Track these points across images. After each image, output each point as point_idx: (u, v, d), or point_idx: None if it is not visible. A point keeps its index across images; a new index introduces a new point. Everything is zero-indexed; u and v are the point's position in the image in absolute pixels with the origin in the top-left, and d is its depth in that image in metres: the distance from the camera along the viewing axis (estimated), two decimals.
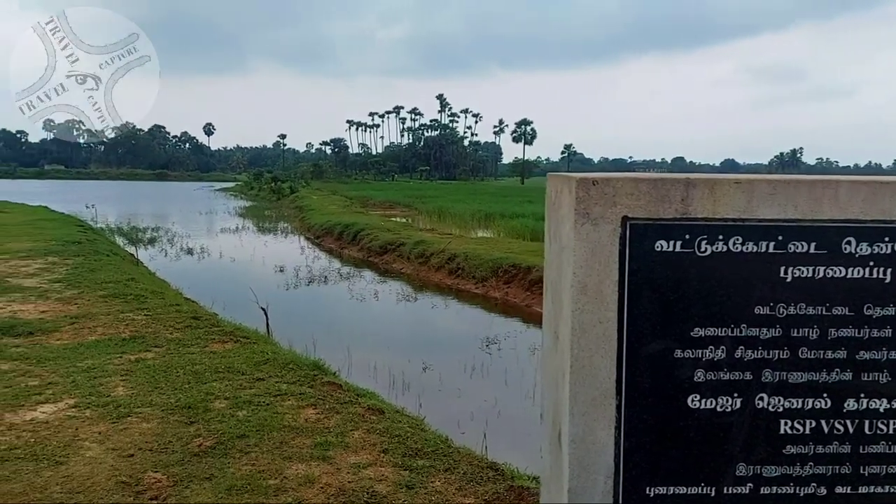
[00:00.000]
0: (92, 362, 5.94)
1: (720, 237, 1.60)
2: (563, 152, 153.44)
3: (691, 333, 1.60)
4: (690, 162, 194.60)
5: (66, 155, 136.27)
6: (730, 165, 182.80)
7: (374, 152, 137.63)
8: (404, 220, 29.87)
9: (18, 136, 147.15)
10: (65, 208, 28.07)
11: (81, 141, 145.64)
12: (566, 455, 1.57)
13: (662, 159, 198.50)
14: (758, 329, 1.62)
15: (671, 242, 1.57)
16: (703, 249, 1.58)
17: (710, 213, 1.59)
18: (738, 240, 1.60)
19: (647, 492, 1.64)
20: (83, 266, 11.41)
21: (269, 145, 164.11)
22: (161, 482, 3.76)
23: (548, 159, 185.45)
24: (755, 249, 1.60)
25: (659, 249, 1.57)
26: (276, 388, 5.42)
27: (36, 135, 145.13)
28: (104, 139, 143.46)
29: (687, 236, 1.58)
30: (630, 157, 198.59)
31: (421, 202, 36.79)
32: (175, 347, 6.55)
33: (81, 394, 5.13)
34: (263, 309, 9.11)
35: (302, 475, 3.93)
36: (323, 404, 5.16)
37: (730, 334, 1.61)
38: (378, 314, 12.83)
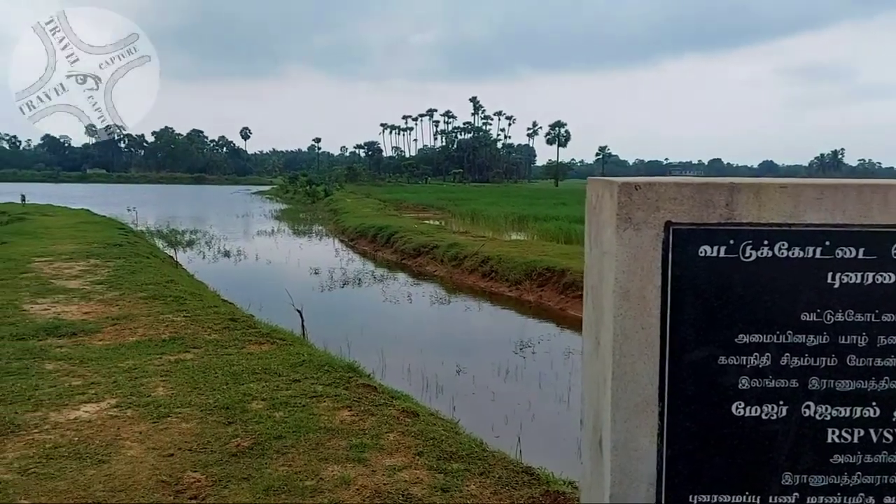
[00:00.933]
0: (133, 363, 6.06)
1: (766, 242, 1.57)
2: (597, 154, 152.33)
3: (736, 340, 1.57)
4: (728, 163, 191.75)
5: (107, 159, 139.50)
6: (768, 167, 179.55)
7: (407, 155, 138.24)
8: (437, 222, 29.92)
9: (62, 140, 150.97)
10: (106, 211, 28.73)
11: (122, 146, 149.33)
12: (608, 461, 1.55)
13: (699, 161, 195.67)
14: (804, 336, 1.59)
15: (715, 248, 1.55)
16: (748, 255, 1.56)
17: (755, 218, 1.56)
18: (783, 245, 1.57)
19: (691, 500, 1.61)
20: (124, 268, 11.65)
21: (305, 149, 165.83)
22: (200, 482, 3.82)
23: (582, 161, 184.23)
24: (802, 255, 1.57)
25: (703, 255, 1.54)
26: (311, 390, 5.47)
27: (78, 140, 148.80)
28: (144, 144, 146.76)
29: (731, 241, 1.56)
30: (666, 159, 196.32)
31: (454, 205, 36.84)
32: (213, 348, 6.65)
33: (123, 394, 5.24)
34: (299, 311, 9.20)
35: (338, 476, 3.96)
36: (358, 406, 5.19)
37: (775, 341, 1.58)
38: (411, 316, 12.87)
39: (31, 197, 38.06)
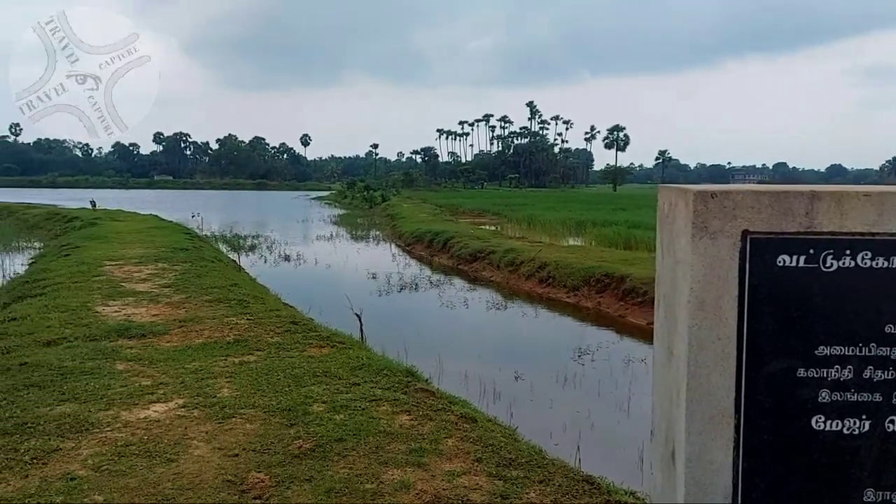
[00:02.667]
0: (199, 364, 6.23)
1: (848, 252, 1.51)
2: (657, 158, 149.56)
3: (815, 352, 1.52)
4: (794, 167, 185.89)
5: (173, 166, 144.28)
6: (836, 171, 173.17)
7: (463, 160, 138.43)
8: (493, 227, 29.86)
9: (131, 148, 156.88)
10: (173, 216, 29.68)
11: (188, 153, 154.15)
12: (681, 474, 1.52)
13: (763, 165, 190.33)
14: (888, 349, 1.52)
15: (794, 257, 1.50)
16: (828, 265, 1.50)
17: (836, 226, 1.51)
18: (867, 255, 1.51)
19: None
20: (190, 272, 12.00)
21: (362, 155, 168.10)
22: (264, 482, 3.90)
23: (641, 166, 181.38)
24: (886, 265, 1.51)
25: (781, 264, 1.50)
26: (371, 394, 5.52)
27: (147, 147, 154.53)
28: (209, 151, 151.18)
29: (811, 251, 1.51)
30: (729, 163, 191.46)
31: (510, 210, 36.70)
32: (275, 351, 6.78)
33: (190, 394, 5.39)
34: (357, 315, 9.30)
35: (398, 480, 3.98)
36: (416, 411, 5.21)
37: (858, 353, 1.52)
38: (468, 322, 12.86)
39: (101, 202, 39.63)
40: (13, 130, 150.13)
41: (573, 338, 11.17)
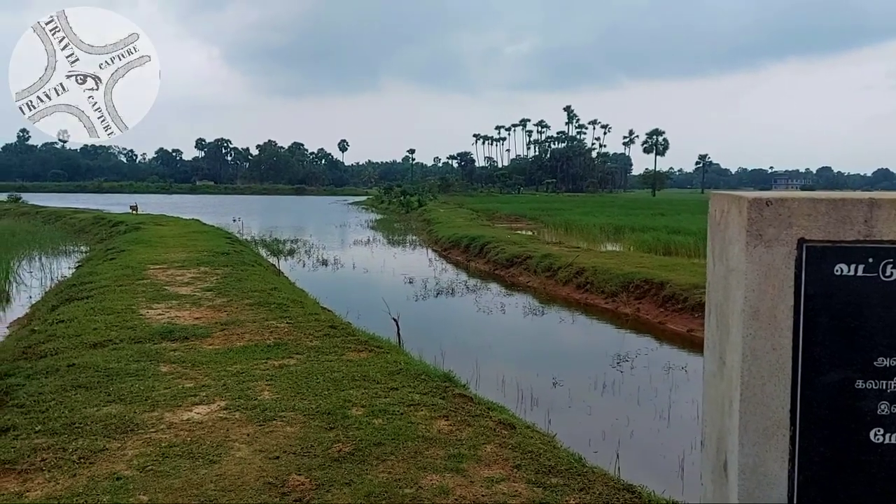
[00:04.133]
0: (240, 367, 6.32)
1: None
2: (697, 163, 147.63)
3: (875, 363, 1.47)
4: (838, 172, 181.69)
5: (215, 171, 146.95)
6: (883, 175, 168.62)
7: (499, 165, 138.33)
8: (530, 233, 29.74)
9: (174, 154, 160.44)
10: (214, 221, 30.20)
11: (229, 158, 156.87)
12: (734, 485, 1.49)
13: (807, 169, 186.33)
14: None
15: (852, 266, 1.46)
16: (888, 274, 1.46)
17: None
18: None
19: None
20: (231, 276, 12.19)
21: (399, 160, 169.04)
22: (304, 485, 3.93)
23: (681, 170, 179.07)
24: None
25: (839, 273, 1.46)
26: (409, 398, 5.53)
27: (189, 153, 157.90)
28: (249, 156, 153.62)
29: (870, 260, 1.46)
30: (771, 168, 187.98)
31: (547, 215, 36.51)
32: (315, 355, 6.84)
33: (231, 396, 5.46)
34: (395, 320, 9.33)
35: (437, 486, 3.98)
36: (455, 416, 5.21)
37: None
38: (505, 327, 12.82)
39: (145, 207, 40.57)
40: (61, 137, 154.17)
41: (611, 344, 11.05)
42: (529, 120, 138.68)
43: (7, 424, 4.84)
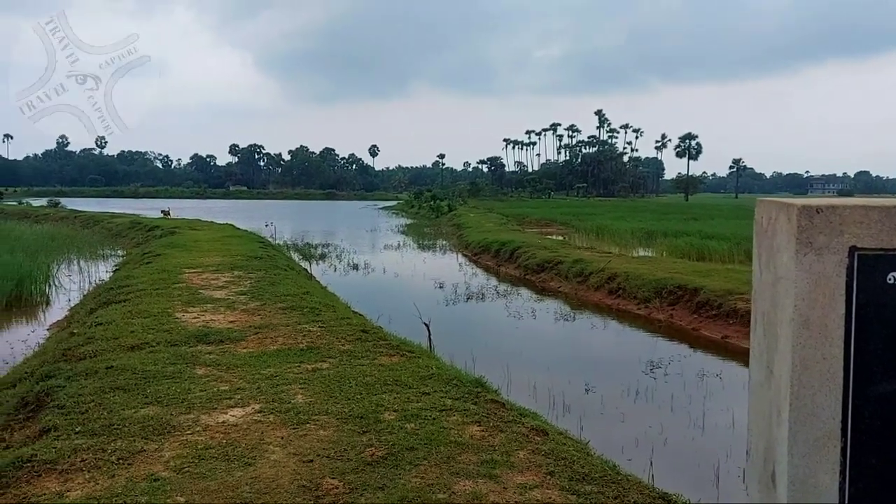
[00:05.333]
0: (274, 370, 6.38)
1: None
2: (731, 167, 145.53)
3: None
4: (877, 176, 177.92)
5: (248, 176, 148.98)
6: None
7: (530, 170, 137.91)
8: (561, 238, 29.58)
9: (208, 159, 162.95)
10: (247, 226, 30.56)
11: (261, 164, 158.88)
12: (783, 496, 1.45)
13: (844, 174, 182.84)
14: None
15: None
16: None
17: None
18: None
19: None
20: (264, 280, 12.32)
21: (429, 165, 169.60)
22: (338, 489, 3.95)
23: (714, 175, 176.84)
24: None
25: (891, 282, 1.42)
26: (441, 403, 5.53)
27: (223, 158, 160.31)
28: (281, 162, 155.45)
29: None
30: (807, 172, 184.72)
31: (578, 220, 36.31)
32: (347, 359, 6.87)
33: (266, 399, 5.52)
34: (426, 324, 9.34)
35: (469, 492, 3.97)
36: (487, 422, 5.19)
37: None
38: (535, 333, 12.75)
39: (180, 212, 41.24)
40: (99, 143, 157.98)
41: (644, 351, 10.93)
42: (560, 124, 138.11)
43: (48, 425, 4.94)
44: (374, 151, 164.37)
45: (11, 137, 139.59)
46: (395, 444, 4.62)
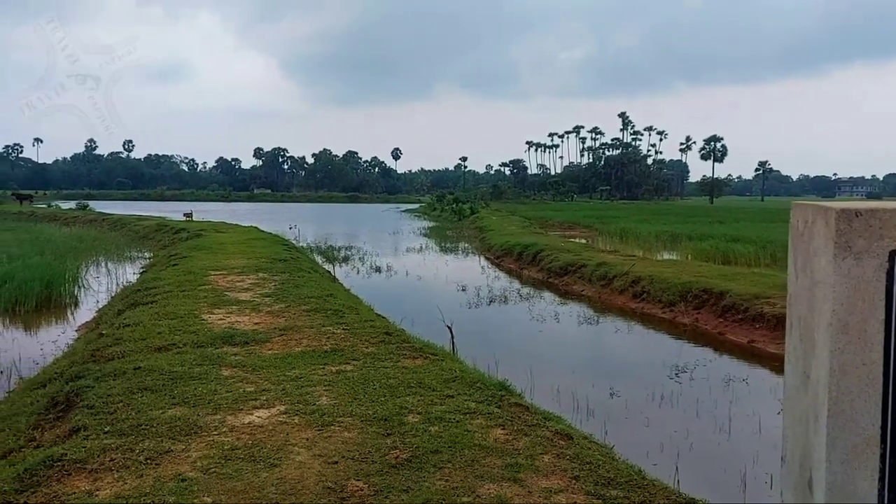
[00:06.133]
0: (298, 372, 6.41)
1: None
2: (756, 169, 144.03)
3: None
4: None
5: (272, 179, 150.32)
6: None
7: (552, 172, 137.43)
8: (584, 241, 29.42)
9: (233, 163, 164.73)
10: (271, 228, 30.79)
11: (285, 167, 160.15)
12: (820, 502, 1.43)
13: (873, 176, 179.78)
14: None
15: None
16: None
17: None
18: None
19: None
20: (289, 282, 12.40)
21: (451, 168, 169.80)
22: (363, 490, 3.96)
23: (739, 177, 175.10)
24: None
25: None
26: (465, 406, 5.52)
27: (247, 162, 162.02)
28: (305, 165, 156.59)
29: None
30: (834, 174, 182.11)
31: (601, 223, 36.08)
32: (370, 361, 6.89)
33: (291, 401, 5.55)
34: (449, 327, 9.34)
35: (494, 495, 3.95)
36: (511, 425, 5.17)
37: None
38: (559, 336, 12.69)
39: (206, 215, 41.69)
40: (126, 146, 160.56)
41: (669, 355, 10.82)
42: (583, 126, 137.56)
43: (78, 425, 5.02)
44: (396, 154, 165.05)
45: (41, 141, 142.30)
46: (419, 446, 4.62)
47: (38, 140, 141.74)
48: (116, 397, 5.57)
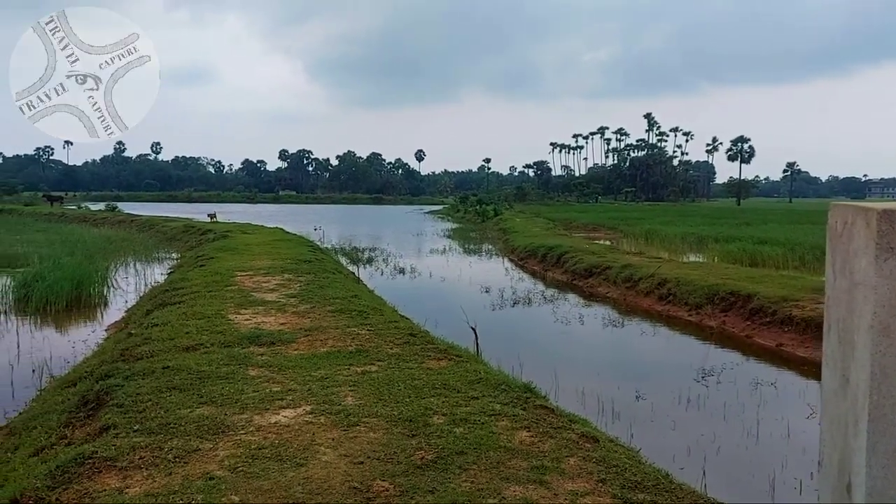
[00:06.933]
0: (324, 372, 6.44)
1: None
2: (784, 170, 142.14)
3: None
4: None
5: (297, 181, 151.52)
6: None
7: (577, 174, 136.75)
8: (609, 242, 29.25)
9: (258, 165, 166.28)
10: (296, 229, 31.01)
11: (310, 169, 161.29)
12: None
13: None
14: None
15: None
16: None
17: None
18: None
19: None
20: (314, 283, 12.47)
21: (475, 169, 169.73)
22: (389, 491, 3.97)
23: (767, 178, 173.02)
24: None
25: None
26: (490, 408, 5.51)
27: (273, 164, 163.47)
28: (329, 167, 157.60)
29: None
30: (865, 175, 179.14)
31: (626, 224, 35.83)
32: (395, 362, 6.90)
33: (316, 401, 5.58)
34: (473, 329, 9.32)
35: (520, 497, 3.94)
36: (536, 427, 5.15)
37: None
38: (583, 338, 12.63)
39: (231, 216, 42.11)
40: (154, 149, 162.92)
41: (695, 358, 10.71)
42: (608, 128, 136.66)
43: (108, 423, 5.09)
44: (419, 156, 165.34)
45: (71, 144, 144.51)
46: (444, 447, 4.62)
47: (68, 142, 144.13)
48: (145, 396, 5.64)
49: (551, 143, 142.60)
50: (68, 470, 4.26)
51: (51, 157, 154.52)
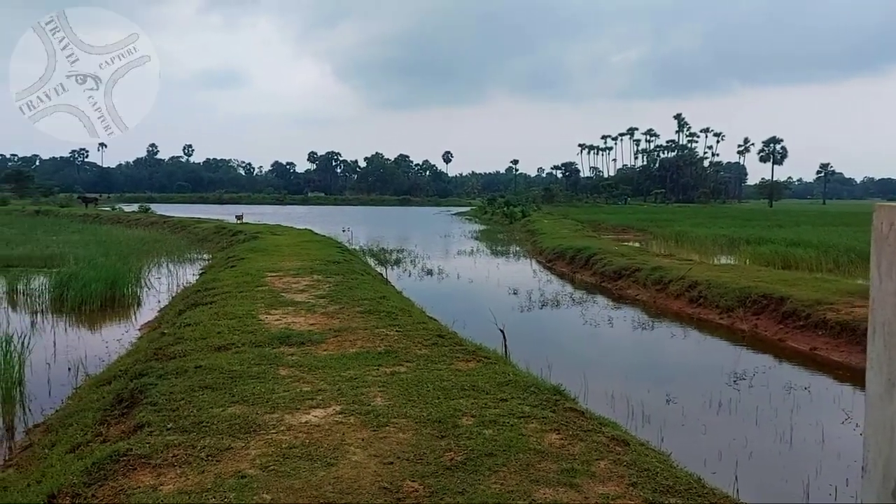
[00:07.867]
0: (353, 373, 6.48)
1: None
2: (818, 172, 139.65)
3: None
4: None
5: (326, 183, 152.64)
6: None
7: (605, 175, 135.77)
8: (638, 244, 28.99)
9: (288, 167, 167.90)
10: (325, 231, 31.25)
11: (338, 171, 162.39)
12: None
13: None
14: None
15: None
16: None
17: None
18: None
19: None
20: (343, 284, 12.55)
21: (502, 171, 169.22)
22: (418, 491, 3.98)
23: (800, 180, 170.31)
24: None
25: None
26: (519, 410, 5.49)
27: (302, 166, 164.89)
28: (357, 168, 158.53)
29: None
30: None
31: (656, 226, 35.48)
32: (424, 363, 6.92)
33: (346, 401, 5.61)
34: (501, 330, 9.31)
35: (550, 500, 3.92)
36: (566, 430, 5.12)
37: None
38: (613, 341, 12.53)
39: (261, 218, 42.54)
40: (186, 151, 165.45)
41: (727, 361, 10.57)
42: (637, 129, 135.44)
43: (142, 421, 5.17)
44: (447, 158, 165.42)
45: (105, 146, 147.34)
46: (473, 449, 4.62)
47: (102, 145, 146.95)
48: (178, 395, 5.73)
49: (580, 145, 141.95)
50: (104, 467, 4.34)
51: (86, 160, 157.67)
